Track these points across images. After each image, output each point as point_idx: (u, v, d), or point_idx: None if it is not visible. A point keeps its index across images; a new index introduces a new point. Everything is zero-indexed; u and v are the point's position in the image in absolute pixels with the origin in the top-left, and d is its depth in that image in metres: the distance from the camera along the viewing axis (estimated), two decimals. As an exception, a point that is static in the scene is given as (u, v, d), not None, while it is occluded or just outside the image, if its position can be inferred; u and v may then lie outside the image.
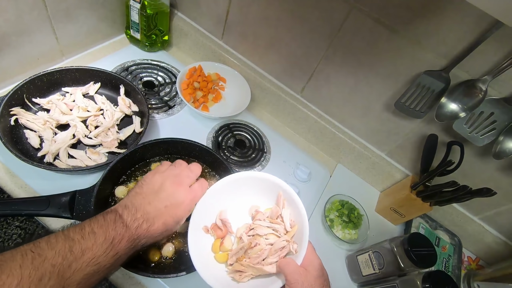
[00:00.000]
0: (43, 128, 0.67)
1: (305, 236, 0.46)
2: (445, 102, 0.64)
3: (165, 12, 0.92)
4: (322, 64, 0.79)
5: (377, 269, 0.65)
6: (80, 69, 0.75)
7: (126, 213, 0.41)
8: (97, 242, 0.37)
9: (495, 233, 0.81)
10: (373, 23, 0.66)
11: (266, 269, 0.44)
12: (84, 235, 0.37)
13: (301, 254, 0.44)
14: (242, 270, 0.46)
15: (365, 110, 0.81)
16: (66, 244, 0.35)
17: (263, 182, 0.52)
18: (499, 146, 0.62)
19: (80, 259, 0.35)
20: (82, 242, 0.36)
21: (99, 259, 0.36)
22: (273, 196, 0.52)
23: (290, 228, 0.48)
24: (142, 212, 0.42)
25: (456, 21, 0.57)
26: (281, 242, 0.46)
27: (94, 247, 0.36)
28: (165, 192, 0.44)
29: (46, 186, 0.63)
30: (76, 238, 0.36)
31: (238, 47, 0.93)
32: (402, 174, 0.86)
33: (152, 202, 0.43)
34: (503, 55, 0.57)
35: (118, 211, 0.41)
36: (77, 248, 0.35)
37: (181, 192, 0.45)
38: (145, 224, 0.41)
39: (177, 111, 0.87)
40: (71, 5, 0.77)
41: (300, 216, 0.48)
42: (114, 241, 0.38)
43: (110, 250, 0.37)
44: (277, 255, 0.46)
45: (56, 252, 0.34)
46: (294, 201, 0.49)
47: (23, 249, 0.33)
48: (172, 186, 0.45)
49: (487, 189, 0.62)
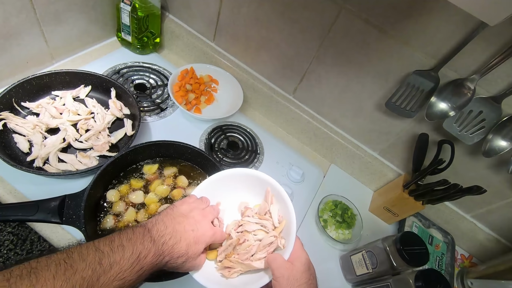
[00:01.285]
0: (32, 132, 0.66)
1: (293, 231, 0.46)
2: (435, 101, 0.65)
3: (156, 15, 0.92)
4: (314, 65, 0.80)
5: (371, 269, 0.65)
6: (70, 72, 0.75)
7: (156, 228, 0.42)
8: (125, 256, 0.37)
9: (487, 231, 0.82)
10: (363, 24, 0.66)
11: (255, 265, 0.45)
12: (113, 248, 0.37)
13: (288, 249, 0.45)
14: (231, 266, 0.46)
15: (356, 110, 0.82)
16: (96, 257, 0.35)
17: (251, 179, 0.52)
18: (488, 144, 0.62)
19: (108, 272, 0.35)
20: (111, 255, 0.36)
21: (125, 274, 0.36)
22: (262, 193, 0.52)
23: (278, 223, 0.49)
24: (171, 229, 0.42)
25: (443, 21, 0.58)
26: (269, 238, 0.47)
27: (122, 261, 0.36)
28: (193, 219, 0.46)
29: (36, 191, 0.62)
30: (106, 250, 0.36)
31: (230, 49, 0.93)
32: (395, 173, 0.87)
33: (181, 223, 0.44)
34: (490, 54, 0.57)
35: (147, 226, 0.42)
36: (106, 261, 0.35)
37: (206, 224, 0.46)
38: (171, 241, 0.41)
39: (169, 113, 0.87)
40: (60, 7, 0.76)
41: (287, 211, 0.48)
42: (141, 255, 0.38)
43: (136, 265, 0.37)
44: (265, 251, 0.46)
45: (87, 264, 0.34)
46: (282, 197, 0.49)
47: (57, 259, 0.33)
48: (199, 216, 0.47)
49: (477, 187, 0.62)
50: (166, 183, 0.68)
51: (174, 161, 0.73)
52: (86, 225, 0.54)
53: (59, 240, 0.61)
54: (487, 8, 0.29)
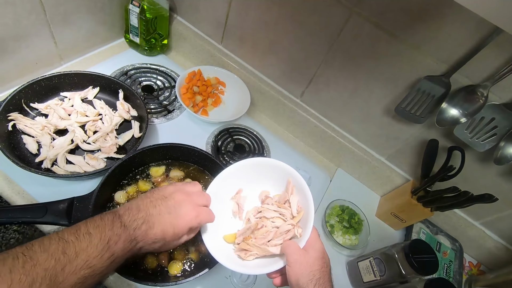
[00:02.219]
0: (41, 133, 0.66)
1: (310, 221, 0.47)
2: (446, 107, 0.64)
3: (165, 16, 0.92)
4: (322, 69, 0.79)
5: (378, 276, 0.64)
6: (78, 74, 0.75)
7: (128, 213, 0.40)
8: (92, 243, 0.36)
9: (496, 238, 0.81)
10: (373, 28, 0.66)
11: (271, 250, 0.46)
12: (79, 236, 0.36)
13: (304, 238, 0.45)
14: (248, 249, 0.48)
15: (365, 115, 0.81)
16: (60, 246, 0.34)
17: (275, 169, 0.53)
18: (500, 151, 0.61)
19: (74, 261, 0.34)
20: (76, 243, 0.35)
21: (94, 261, 0.35)
22: (283, 184, 0.53)
23: (297, 213, 0.50)
24: (144, 213, 0.41)
25: (456, 26, 0.57)
26: (286, 225, 0.48)
27: (89, 248, 0.35)
28: (172, 200, 0.44)
29: (43, 192, 0.63)
30: (70, 239, 0.35)
31: (238, 51, 0.93)
32: (402, 178, 0.86)
33: (157, 206, 0.42)
34: (503, 61, 0.56)
35: (118, 212, 0.41)
36: (70, 250, 0.34)
37: (187, 205, 0.44)
38: (144, 226, 0.40)
39: (176, 115, 0.87)
40: (69, 9, 0.76)
41: (307, 203, 0.49)
42: (110, 241, 0.37)
43: (106, 252, 0.36)
44: (282, 238, 0.47)
45: (49, 254, 0.33)
46: (303, 189, 0.50)
47: (14, 252, 0.32)
48: (181, 197, 0.45)
49: (489, 195, 0.61)
50: (173, 186, 0.68)
51: (181, 163, 0.73)
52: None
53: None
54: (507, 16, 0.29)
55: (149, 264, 0.58)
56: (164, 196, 0.44)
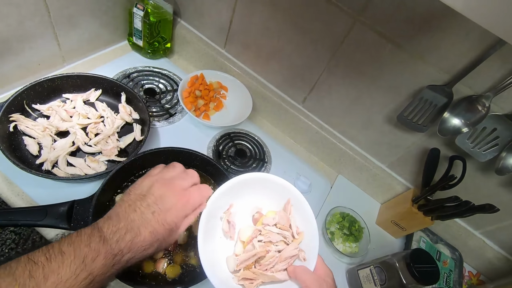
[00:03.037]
0: (42, 135, 0.66)
1: (315, 243, 0.45)
2: (448, 117, 0.64)
3: (168, 20, 0.92)
4: (324, 76, 0.80)
5: (379, 285, 0.64)
6: (81, 76, 0.75)
7: (107, 224, 0.36)
8: (65, 263, 0.32)
9: (496, 248, 0.81)
10: (376, 37, 0.66)
11: (278, 277, 0.44)
12: (50, 257, 0.32)
13: (311, 262, 0.44)
14: (253, 278, 0.45)
15: (366, 122, 0.81)
16: (26, 269, 0.31)
17: (266, 183, 0.50)
18: (502, 162, 0.62)
19: (42, 285, 0.30)
20: (46, 264, 0.31)
21: (67, 284, 0.31)
22: (275, 197, 0.50)
23: (297, 235, 0.48)
24: (125, 222, 0.37)
25: (460, 37, 0.57)
26: (292, 250, 0.45)
27: (60, 269, 0.32)
28: (152, 196, 0.39)
29: (43, 195, 0.62)
30: (40, 260, 0.32)
31: (241, 56, 0.93)
32: (403, 186, 0.86)
33: (137, 209, 0.38)
34: (506, 72, 0.57)
35: (98, 224, 0.37)
36: (38, 273, 0.31)
37: (170, 195, 0.40)
38: (128, 235, 0.36)
39: (178, 119, 0.86)
40: (74, 11, 0.77)
41: (308, 222, 0.47)
42: (86, 259, 0.33)
43: (81, 271, 0.32)
44: (286, 262, 0.45)
45: (13, 279, 0.30)
46: (303, 206, 0.47)
47: None
48: (160, 189, 0.40)
49: (490, 205, 0.61)
50: (174, 190, 0.68)
51: (182, 168, 0.72)
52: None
53: None
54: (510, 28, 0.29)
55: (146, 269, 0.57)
56: (142, 195, 0.40)
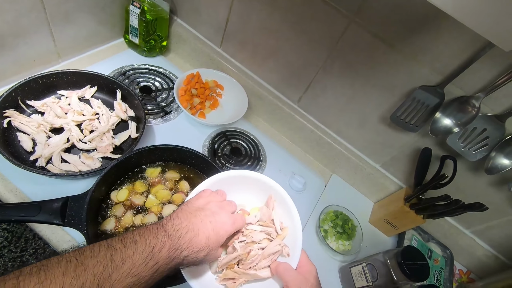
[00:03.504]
0: (36, 131, 0.66)
1: (298, 239, 0.45)
2: (439, 117, 0.65)
3: (165, 18, 0.92)
4: (320, 75, 0.80)
5: (370, 282, 0.65)
6: (76, 73, 0.75)
7: (171, 223, 0.41)
8: (138, 251, 0.36)
9: (486, 247, 0.82)
10: (371, 37, 0.67)
11: (260, 274, 0.44)
12: (126, 244, 0.36)
13: (294, 258, 0.44)
14: (235, 278, 0.45)
15: (361, 122, 0.82)
16: (108, 253, 0.35)
17: (248, 180, 0.50)
18: (491, 161, 0.63)
19: (120, 268, 0.34)
20: (123, 250, 0.36)
21: (139, 269, 0.36)
22: (258, 194, 0.51)
23: (281, 230, 0.48)
24: (187, 222, 0.42)
25: (452, 38, 0.58)
26: (275, 246, 0.46)
27: (135, 255, 0.36)
28: (209, 211, 0.45)
29: (37, 191, 0.62)
30: (118, 246, 0.36)
31: (237, 55, 0.93)
32: (396, 186, 0.87)
33: (198, 216, 0.43)
34: (496, 73, 0.58)
35: (162, 222, 0.42)
36: (118, 257, 0.35)
37: (224, 214, 0.45)
38: (188, 234, 0.41)
39: (173, 117, 0.87)
40: (70, 8, 0.76)
41: (292, 217, 0.47)
42: (155, 249, 0.37)
43: (150, 259, 0.37)
44: (269, 259, 0.46)
45: (98, 260, 0.34)
46: (285, 201, 0.48)
47: (68, 256, 0.34)
48: (215, 207, 0.46)
49: (479, 204, 0.63)
50: (168, 187, 0.68)
51: (177, 165, 0.73)
52: (88, 227, 0.53)
53: (58, 241, 0.60)
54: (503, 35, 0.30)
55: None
56: (200, 208, 0.45)
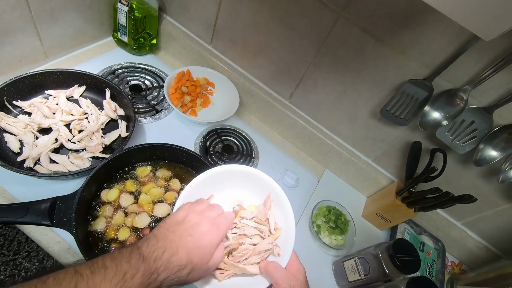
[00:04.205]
0: (23, 131, 0.65)
1: (291, 240, 0.45)
2: (428, 110, 0.66)
3: (154, 16, 0.91)
4: (310, 71, 0.80)
5: (363, 275, 0.65)
6: (64, 72, 0.74)
7: (146, 244, 0.39)
8: (107, 278, 0.34)
9: (477, 238, 0.83)
10: (360, 32, 0.67)
11: (249, 269, 0.45)
12: (94, 270, 0.34)
13: (284, 258, 0.44)
14: (224, 268, 0.45)
15: (352, 117, 0.82)
16: (73, 281, 0.33)
17: (250, 177, 0.50)
18: (480, 153, 0.64)
19: None
20: (90, 277, 0.33)
21: None
22: (258, 192, 0.51)
23: (274, 230, 0.48)
24: (164, 241, 0.39)
25: (438, 32, 0.59)
26: (266, 244, 0.46)
27: (102, 283, 0.33)
28: (189, 223, 0.42)
29: (25, 192, 0.61)
30: (85, 273, 0.33)
31: (227, 52, 0.93)
32: (388, 180, 0.88)
33: (176, 231, 0.41)
34: (483, 65, 0.58)
35: (137, 244, 0.39)
36: (83, 285, 0.32)
37: (204, 223, 0.43)
38: (166, 254, 0.38)
39: (164, 115, 0.86)
40: (56, 6, 0.75)
41: (287, 219, 0.47)
42: (126, 276, 0.35)
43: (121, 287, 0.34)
44: (260, 256, 0.46)
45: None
46: (282, 202, 0.48)
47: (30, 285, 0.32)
48: (195, 218, 0.44)
49: (468, 195, 0.63)
50: (160, 186, 0.68)
51: (168, 163, 0.72)
52: (77, 227, 0.53)
53: (48, 242, 0.60)
54: (483, 24, 0.30)
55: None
56: (179, 222, 0.43)
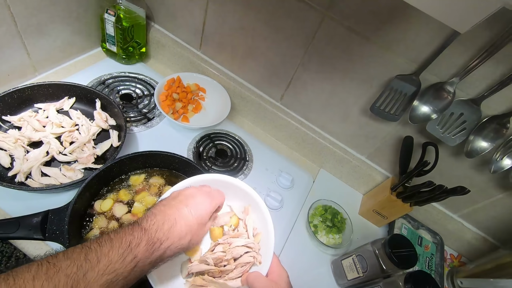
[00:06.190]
0: (13, 146, 0.65)
1: (270, 246, 0.45)
2: (417, 105, 0.66)
3: (141, 25, 0.91)
4: (299, 72, 0.81)
5: (361, 273, 0.65)
6: (53, 84, 0.74)
7: (146, 220, 0.41)
8: (114, 247, 0.36)
9: (474, 230, 0.83)
10: (345, 31, 0.68)
11: (230, 284, 0.43)
12: (101, 243, 0.36)
13: (265, 265, 0.44)
14: (203, 285, 0.44)
15: (343, 115, 0.83)
16: (82, 253, 0.34)
17: (223, 185, 0.50)
18: (470, 145, 0.64)
19: (95, 267, 0.34)
20: (98, 249, 0.35)
21: (116, 265, 0.35)
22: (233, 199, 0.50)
23: (253, 236, 0.47)
24: (162, 215, 0.41)
25: (422, 27, 0.59)
26: (247, 257, 0.45)
27: (111, 252, 0.35)
28: (184, 195, 0.45)
29: (18, 207, 0.60)
30: (93, 246, 0.35)
31: (217, 57, 0.93)
32: (383, 176, 0.88)
33: (172, 206, 0.43)
34: (467, 58, 0.59)
35: (137, 221, 0.41)
36: (92, 256, 0.34)
37: (199, 194, 0.45)
38: (166, 225, 0.40)
39: (156, 123, 0.86)
40: (42, 19, 0.75)
41: (265, 223, 0.46)
42: (132, 244, 0.37)
43: (128, 254, 0.36)
44: (241, 270, 0.45)
45: (71, 261, 0.33)
46: (260, 207, 0.47)
47: (40, 261, 0.33)
48: (190, 190, 0.46)
49: (461, 187, 0.63)
50: (153, 193, 0.67)
51: (161, 171, 0.72)
52: (71, 240, 0.52)
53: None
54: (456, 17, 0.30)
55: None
56: (174, 196, 0.45)
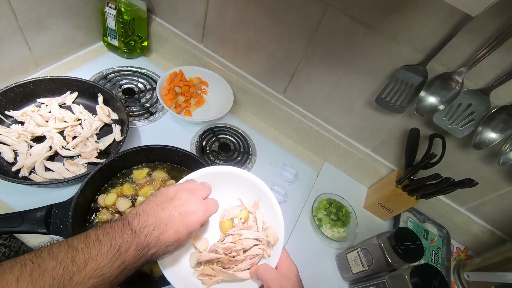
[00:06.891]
0: (17, 141, 0.65)
1: (280, 239, 0.44)
2: (424, 95, 0.65)
3: (143, 18, 0.91)
4: (302, 64, 0.79)
5: (366, 266, 0.65)
6: (55, 79, 0.73)
7: (137, 220, 0.39)
8: (102, 251, 0.34)
9: (481, 223, 0.82)
10: (349, 21, 0.66)
11: (239, 275, 0.43)
12: (89, 244, 0.34)
13: (275, 258, 0.43)
14: (213, 274, 0.44)
15: (347, 108, 0.82)
16: (69, 254, 0.33)
17: (233, 178, 0.50)
18: (478, 136, 0.63)
19: (82, 270, 0.33)
20: (86, 251, 0.34)
21: (103, 270, 0.34)
22: (243, 192, 0.50)
23: (263, 230, 0.47)
24: (154, 219, 0.40)
25: (429, 15, 0.58)
26: (257, 249, 0.45)
27: (99, 256, 0.34)
28: (179, 200, 0.43)
29: (22, 202, 0.61)
30: (80, 247, 0.34)
31: (219, 50, 0.92)
32: (388, 169, 0.87)
33: (165, 209, 0.41)
34: (476, 47, 0.57)
35: (128, 219, 0.39)
36: (80, 258, 0.33)
37: (195, 201, 0.44)
38: (156, 231, 0.39)
39: (159, 117, 0.85)
40: (43, 14, 0.75)
41: (275, 217, 0.46)
42: (121, 249, 0.36)
43: (116, 260, 0.35)
44: (250, 262, 0.45)
45: (58, 262, 0.32)
46: (270, 201, 0.47)
47: (23, 259, 0.31)
48: (185, 195, 0.44)
49: (469, 179, 0.62)
50: (156, 188, 0.67)
51: (164, 165, 0.72)
52: (74, 234, 0.52)
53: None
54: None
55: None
56: (169, 198, 0.43)
